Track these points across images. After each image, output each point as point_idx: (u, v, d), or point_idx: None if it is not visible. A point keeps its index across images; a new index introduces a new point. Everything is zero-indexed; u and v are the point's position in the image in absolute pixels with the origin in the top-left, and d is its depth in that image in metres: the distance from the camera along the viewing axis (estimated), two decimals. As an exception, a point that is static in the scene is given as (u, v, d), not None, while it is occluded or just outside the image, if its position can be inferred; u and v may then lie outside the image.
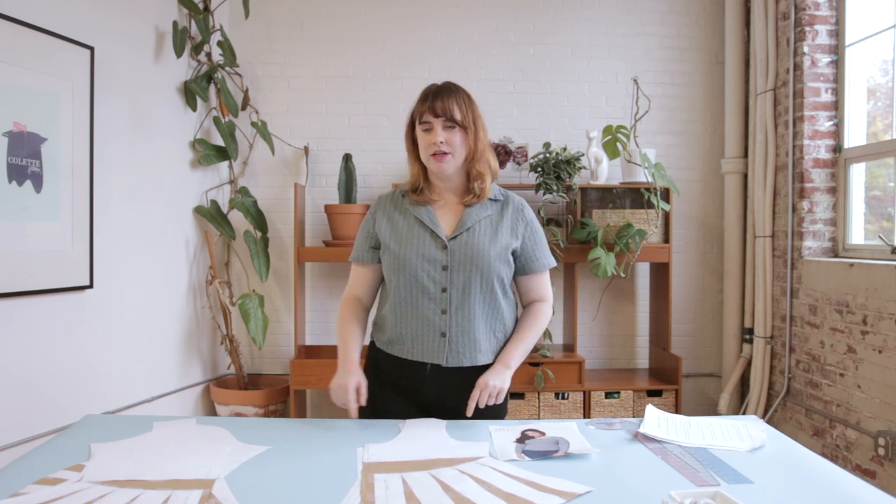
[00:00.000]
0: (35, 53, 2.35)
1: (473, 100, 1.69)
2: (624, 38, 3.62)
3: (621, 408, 3.23)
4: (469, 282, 1.63)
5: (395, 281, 1.66)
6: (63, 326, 2.50)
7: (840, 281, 2.77)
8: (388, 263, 1.68)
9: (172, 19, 3.07)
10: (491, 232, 1.67)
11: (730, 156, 3.52)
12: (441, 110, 1.62)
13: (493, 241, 1.65)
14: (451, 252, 1.64)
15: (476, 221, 1.67)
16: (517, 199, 1.76)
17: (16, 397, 2.30)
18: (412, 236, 1.66)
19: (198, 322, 3.31)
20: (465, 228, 1.66)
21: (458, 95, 1.66)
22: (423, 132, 1.66)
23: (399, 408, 1.68)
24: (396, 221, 1.70)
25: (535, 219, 1.77)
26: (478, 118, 1.68)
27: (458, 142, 1.64)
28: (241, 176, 3.49)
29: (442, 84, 1.69)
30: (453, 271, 1.63)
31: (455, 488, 1.18)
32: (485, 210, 1.69)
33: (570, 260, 3.25)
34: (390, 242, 1.68)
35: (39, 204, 2.37)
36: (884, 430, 2.51)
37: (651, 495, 1.15)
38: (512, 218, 1.71)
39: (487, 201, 1.71)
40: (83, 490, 1.17)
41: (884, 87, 2.95)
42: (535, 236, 1.74)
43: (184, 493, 1.15)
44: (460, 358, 1.64)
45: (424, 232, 1.66)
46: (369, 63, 3.58)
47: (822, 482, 1.23)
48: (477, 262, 1.63)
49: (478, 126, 1.67)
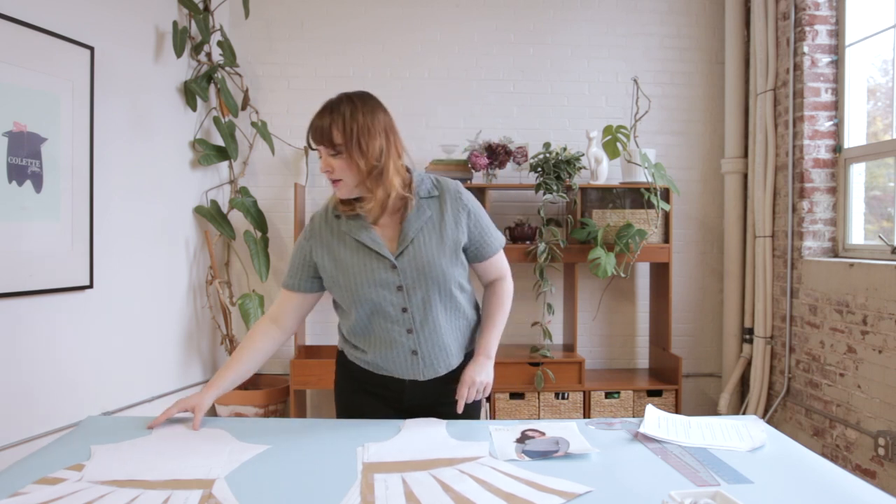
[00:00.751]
0: (35, 53, 2.35)
1: (363, 110, 1.49)
2: (624, 38, 3.63)
3: (621, 408, 3.23)
4: (428, 296, 1.56)
5: (353, 312, 1.59)
6: (63, 326, 2.50)
7: (840, 281, 2.77)
8: (340, 296, 1.59)
9: (172, 19, 3.07)
10: (436, 237, 1.56)
11: (730, 156, 3.52)
12: (319, 136, 1.49)
13: (441, 248, 1.56)
14: (401, 271, 1.54)
15: (418, 231, 1.55)
16: (452, 185, 1.62)
17: (16, 397, 2.30)
18: (358, 263, 1.54)
19: (198, 322, 3.31)
20: (409, 241, 1.54)
21: (338, 115, 1.48)
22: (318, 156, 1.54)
23: (379, 414, 1.67)
24: (337, 251, 1.57)
25: (475, 201, 1.64)
26: (364, 135, 1.47)
27: (344, 167, 1.48)
28: (241, 176, 3.49)
29: (334, 100, 1.52)
30: (409, 290, 1.55)
31: (455, 488, 1.18)
32: (423, 213, 1.56)
33: (570, 260, 3.25)
34: (338, 276, 1.56)
35: (39, 204, 2.37)
36: (884, 430, 2.51)
37: (651, 495, 1.15)
38: (452, 211, 1.58)
39: (422, 201, 1.57)
40: (83, 490, 1.17)
41: (884, 87, 2.95)
42: (479, 222, 1.62)
43: (184, 493, 1.15)
44: (436, 369, 1.63)
45: (369, 256, 1.54)
46: (369, 63, 3.58)
47: (822, 482, 1.23)
48: (431, 274, 1.54)
49: (363, 146, 1.47)
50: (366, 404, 1.68)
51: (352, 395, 1.70)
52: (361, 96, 1.54)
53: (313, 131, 1.51)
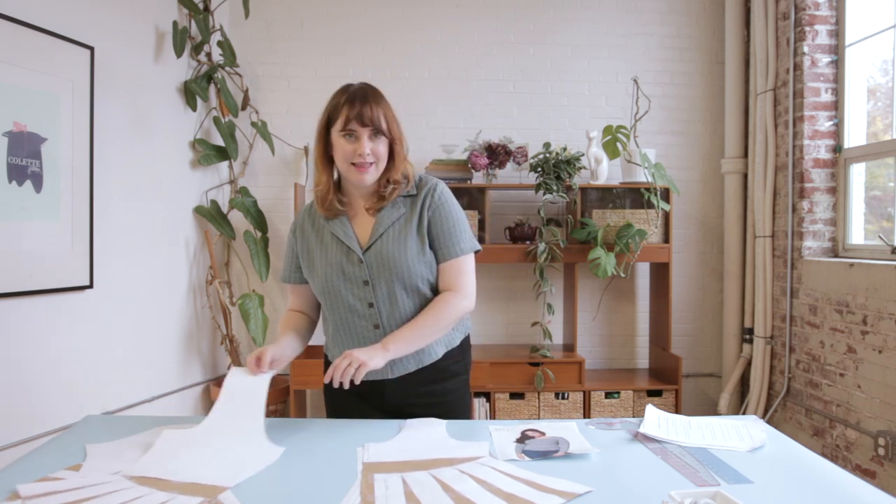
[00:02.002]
0: (35, 53, 2.35)
1: (390, 103, 1.59)
2: (624, 38, 3.63)
3: (621, 408, 3.23)
4: (393, 292, 1.56)
5: (325, 306, 1.62)
6: (63, 326, 2.50)
7: (840, 281, 2.77)
8: (315, 289, 1.63)
9: (172, 19, 3.07)
10: (404, 234, 1.57)
11: (730, 156, 3.52)
12: (369, 119, 1.50)
13: (406, 244, 1.56)
14: (368, 265, 1.56)
15: (388, 226, 1.57)
16: (431, 183, 1.62)
17: (16, 397, 2.30)
18: (328, 255, 1.58)
19: (198, 322, 3.31)
20: (378, 236, 1.56)
21: (384, 102, 1.55)
22: (344, 139, 1.52)
23: (364, 415, 1.65)
24: (311, 242, 1.63)
25: (447, 202, 1.60)
26: (399, 124, 1.58)
27: (382, 152, 1.54)
28: (241, 176, 3.49)
29: (364, 87, 1.56)
30: (375, 285, 1.56)
31: (455, 488, 1.18)
32: (397, 210, 1.59)
33: (570, 260, 3.25)
34: (308, 268, 1.62)
35: (39, 204, 2.37)
36: (884, 430, 2.51)
37: (651, 495, 1.15)
38: (422, 207, 1.59)
39: (399, 199, 1.60)
40: (82, 488, 1.17)
41: (884, 87, 2.95)
42: (445, 221, 1.58)
43: (183, 493, 1.15)
44: (405, 366, 1.61)
45: (340, 249, 1.58)
46: (369, 63, 3.58)
47: (822, 482, 1.23)
48: (395, 270, 1.54)
49: (401, 133, 1.58)
50: (350, 405, 1.66)
51: (336, 395, 1.67)
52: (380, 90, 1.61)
53: (360, 116, 1.51)
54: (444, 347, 1.66)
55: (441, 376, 1.67)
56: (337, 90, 1.59)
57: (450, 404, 1.69)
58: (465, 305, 1.59)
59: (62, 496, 1.14)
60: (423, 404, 1.65)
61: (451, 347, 1.69)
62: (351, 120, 1.51)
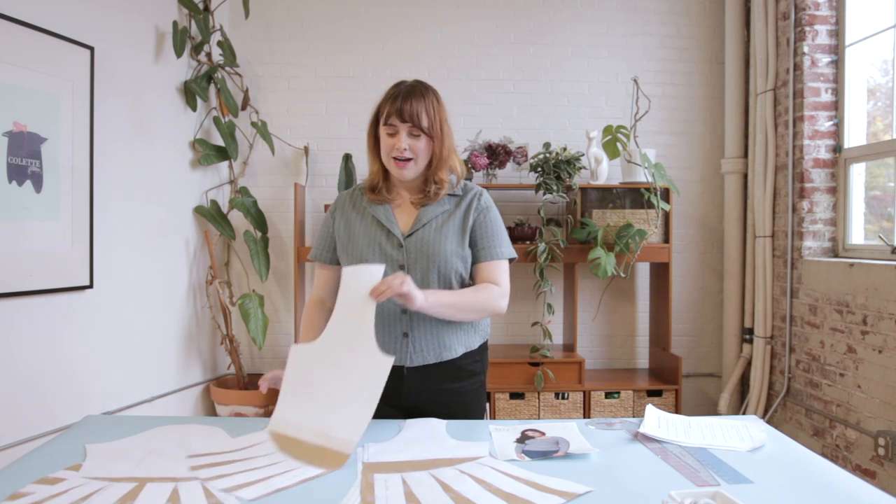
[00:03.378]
0: (35, 53, 2.35)
1: (442, 102, 1.65)
2: (624, 38, 3.63)
3: (621, 408, 3.23)
4: (427, 279, 1.60)
5: None
6: (63, 326, 2.50)
7: (840, 281, 2.77)
8: (346, 265, 1.64)
9: (172, 19, 3.07)
10: (446, 227, 1.64)
11: (730, 156, 3.52)
12: (408, 115, 1.57)
13: (448, 236, 1.62)
14: (407, 250, 1.61)
15: (432, 218, 1.64)
16: (476, 189, 1.71)
17: (16, 397, 2.30)
18: (368, 235, 1.63)
19: (198, 322, 3.31)
20: (421, 225, 1.63)
21: (427, 99, 1.60)
22: (387, 134, 1.60)
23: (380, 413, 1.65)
24: (353, 222, 1.67)
25: (492, 208, 1.70)
26: (444, 123, 1.63)
27: (421, 148, 1.60)
28: (241, 176, 3.49)
29: (412, 84, 1.63)
30: (410, 269, 1.60)
31: (455, 488, 1.18)
32: (441, 206, 1.66)
33: (570, 260, 3.25)
34: (348, 244, 1.65)
35: (39, 204, 2.37)
36: (884, 430, 2.51)
37: (651, 495, 1.15)
38: (466, 207, 1.67)
39: (446, 197, 1.67)
40: (81, 486, 1.17)
41: (884, 87, 2.95)
42: (487, 225, 1.67)
43: (183, 493, 1.15)
44: (425, 356, 1.64)
45: (380, 231, 1.63)
46: (369, 63, 3.58)
47: (821, 482, 1.23)
48: (433, 258, 1.60)
49: (444, 133, 1.62)
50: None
51: None
52: (433, 88, 1.67)
53: (400, 112, 1.57)
54: (463, 347, 1.69)
55: (459, 374, 1.68)
56: (392, 84, 1.66)
57: (466, 404, 1.70)
58: (501, 303, 1.64)
59: (63, 497, 1.14)
60: (439, 402, 1.66)
61: (471, 349, 1.72)
62: (392, 115, 1.58)
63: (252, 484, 1.19)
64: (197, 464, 1.29)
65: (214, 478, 1.22)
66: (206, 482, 1.20)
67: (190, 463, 1.29)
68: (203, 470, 1.25)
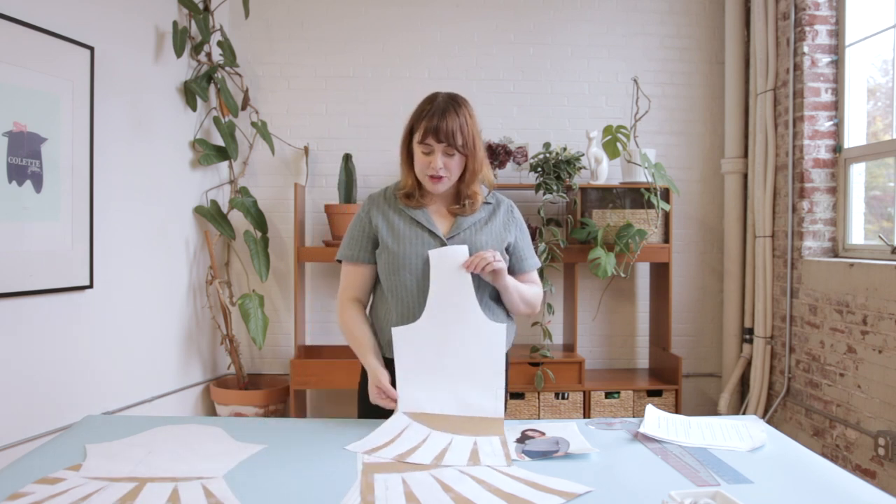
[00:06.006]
0: (35, 53, 2.35)
1: (474, 115, 1.66)
2: (624, 38, 3.63)
3: (621, 408, 3.23)
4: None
5: (394, 281, 1.65)
6: (63, 326, 2.50)
7: (840, 281, 2.77)
8: (386, 263, 1.66)
9: (172, 19, 3.07)
10: (485, 231, 1.69)
11: (730, 156, 3.52)
12: (444, 136, 1.58)
13: (489, 240, 1.67)
14: None
15: (470, 224, 1.69)
16: (507, 200, 1.79)
17: (16, 397, 2.30)
18: (411, 235, 1.65)
19: (198, 322, 3.31)
20: (463, 229, 1.67)
21: (461, 117, 1.61)
22: (422, 152, 1.62)
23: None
24: (393, 221, 1.69)
25: (523, 220, 1.80)
26: (477, 137, 1.65)
27: (455, 166, 1.63)
28: (241, 176, 3.49)
29: (446, 100, 1.63)
30: None
31: (455, 488, 1.18)
32: (477, 214, 1.71)
33: (570, 260, 3.25)
34: (389, 242, 1.66)
35: (39, 204, 2.37)
36: (884, 430, 2.51)
37: (651, 495, 1.15)
38: (504, 218, 1.73)
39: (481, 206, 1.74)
40: (81, 486, 1.17)
41: (884, 87, 2.95)
42: (524, 237, 1.77)
43: (183, 492, 1.15)
44: None
45: (423, 231, 1.66)
46: (369, 63, 3.58)
47: (821, 482, 1.23)
48: None
49: (476, 146, 1.64)
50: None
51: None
52: (466, 100, 1.67)
53: (436, 131, 1.58)
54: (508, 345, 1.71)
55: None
56: (425, 97, 1.68)
57: None
58: (538, 307, 1.77)
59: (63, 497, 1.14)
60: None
61: (508, 349, 1.72)
62: (428, 134, 1.59)
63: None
64: (369, 458, 1.34)
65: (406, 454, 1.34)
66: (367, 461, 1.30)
67: (364, 459, 1.34)
68: (378, 452, 1.36)
